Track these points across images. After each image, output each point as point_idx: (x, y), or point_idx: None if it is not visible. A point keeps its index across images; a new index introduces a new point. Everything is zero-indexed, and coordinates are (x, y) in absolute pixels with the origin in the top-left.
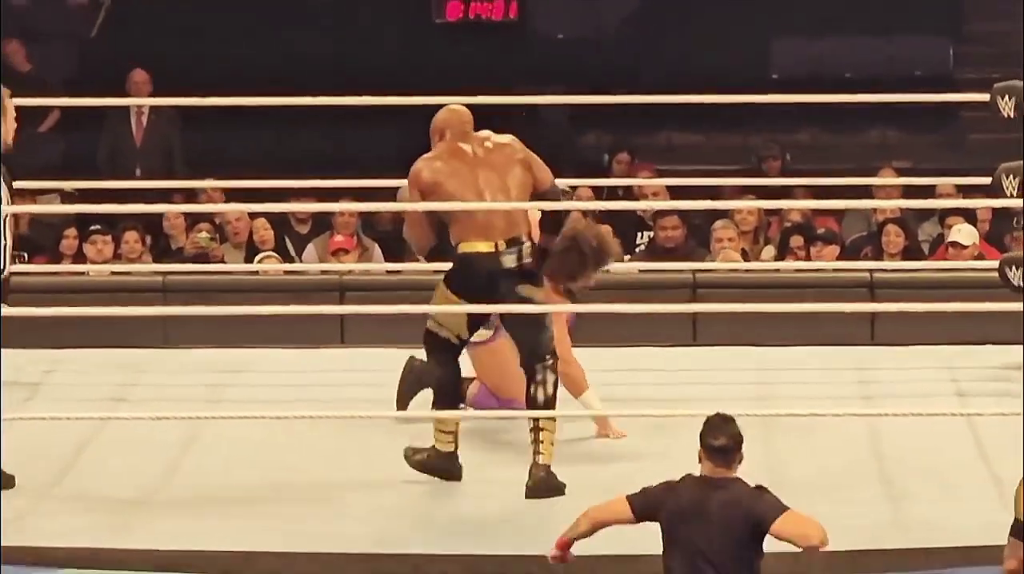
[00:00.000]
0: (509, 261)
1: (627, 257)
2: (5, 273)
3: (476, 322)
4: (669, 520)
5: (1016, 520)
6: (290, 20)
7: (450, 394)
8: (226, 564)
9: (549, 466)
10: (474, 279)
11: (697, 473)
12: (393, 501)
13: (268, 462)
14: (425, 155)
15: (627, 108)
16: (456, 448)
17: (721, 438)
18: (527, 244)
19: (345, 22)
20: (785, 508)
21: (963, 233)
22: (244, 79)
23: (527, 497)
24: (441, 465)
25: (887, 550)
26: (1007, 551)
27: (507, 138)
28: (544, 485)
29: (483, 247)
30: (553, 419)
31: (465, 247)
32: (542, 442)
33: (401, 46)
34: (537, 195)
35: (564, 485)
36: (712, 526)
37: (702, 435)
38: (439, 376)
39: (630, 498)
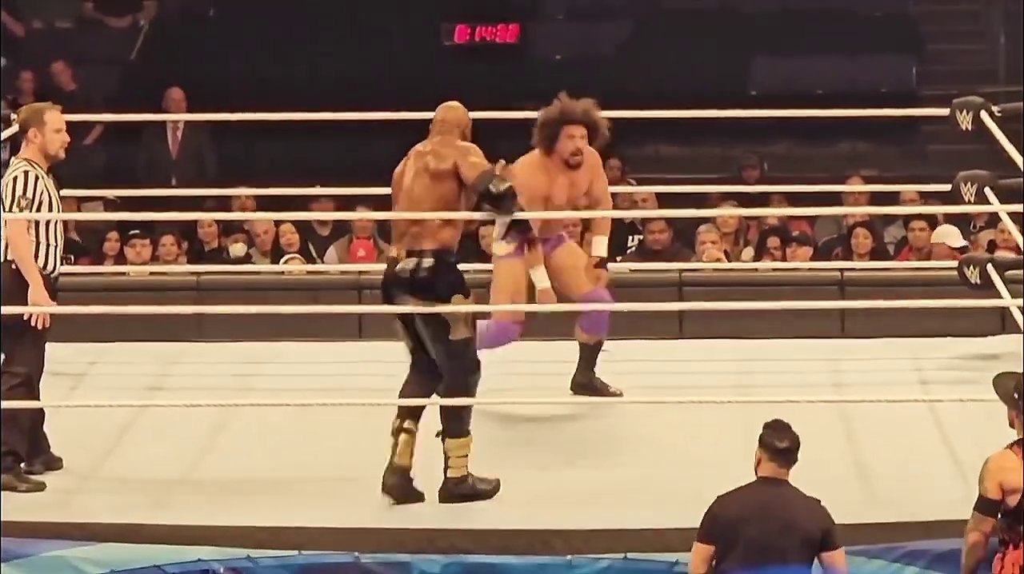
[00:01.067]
0: (403, 270)
1: (619, 258)
2: (55, 273)
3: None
4: (728, 528)
5: (980, 496)
6: (312, 43)
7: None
8: (254, 538)
9: (458, 478)
10: (383, 283)
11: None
12: None
13: (292, 446)
14: None
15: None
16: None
17: (785, 440)
18: (428, 258)
19: (362, 44)
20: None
21: (951, 236)
22: (270, 96)
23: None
24: (483, 487)
25: (857, 525)
26: (971, 524)
27: (437, 143)
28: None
29: (393, 252)
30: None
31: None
32: (448, 458)
33: (413, 66)
34: (468, 189)
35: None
36: (780, 522)
37: (764, 438)
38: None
39: (697, 540)
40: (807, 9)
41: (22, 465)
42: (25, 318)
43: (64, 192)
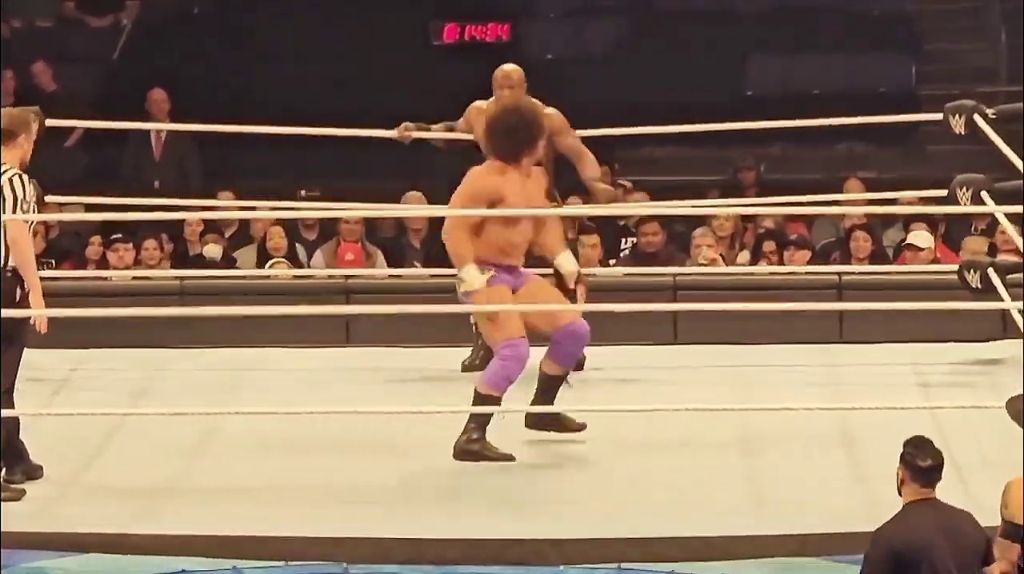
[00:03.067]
0: None
1: (612, 261)
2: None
3: None
4: (899, 563)
5: (1006, 522)
6: (299, 41)
7: None
8: (239, 548)
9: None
10: None
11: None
12: (395, 488)
13: (278, 453)
14: None
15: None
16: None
17: (928, 459)
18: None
19: (350, 43)
20: None
21: (921, 238)
22: (256, 96)
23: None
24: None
25: (856, 533)
26: (997, 553)
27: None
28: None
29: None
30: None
31: None
32: None
33: (401, 66)
34: None
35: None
36: (950, 551)
37: (907, 458)
38: None
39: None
40: (803, 7)
41: (1, 473)
42: (7, 327)
43: (47, 198)
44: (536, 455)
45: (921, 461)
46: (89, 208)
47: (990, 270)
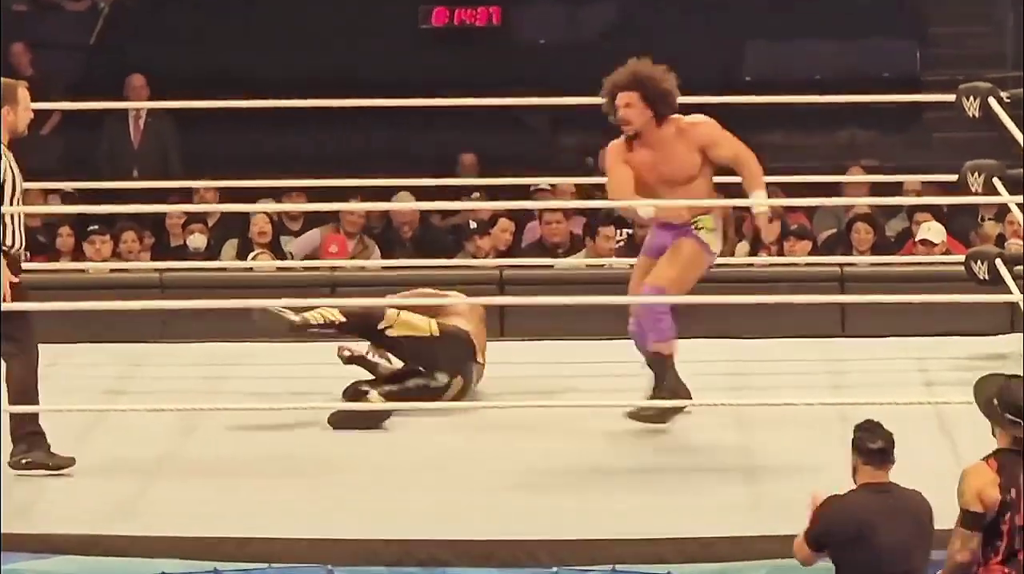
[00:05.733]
0: None
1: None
2: (21, 250)
3: None
4: (845, 541)
5: (964, 510)
6: (282, 26)
7: None
8: (221, 550)
9: None
10: None
11: (858, 483)
12: (382, 487)
13: (261, 451)
14: None
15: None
16: None
17: (879, 441)
18: None
19: (335, 28)
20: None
21: (933, 231)
22: (238, 82)
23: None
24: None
25: None
26: (958, 543)
27: None
28: None
29: None
30: None
31: None
32: None
33: (389, 50)
34: None
35: None
36: (897, 533)
37: (857, 442)
38: None
39: (805, 534)
40: None
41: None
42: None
43: (25, 185)
44: (528, 454)
45: (871, 443)
46: (65, 198)
47: (998, 260)
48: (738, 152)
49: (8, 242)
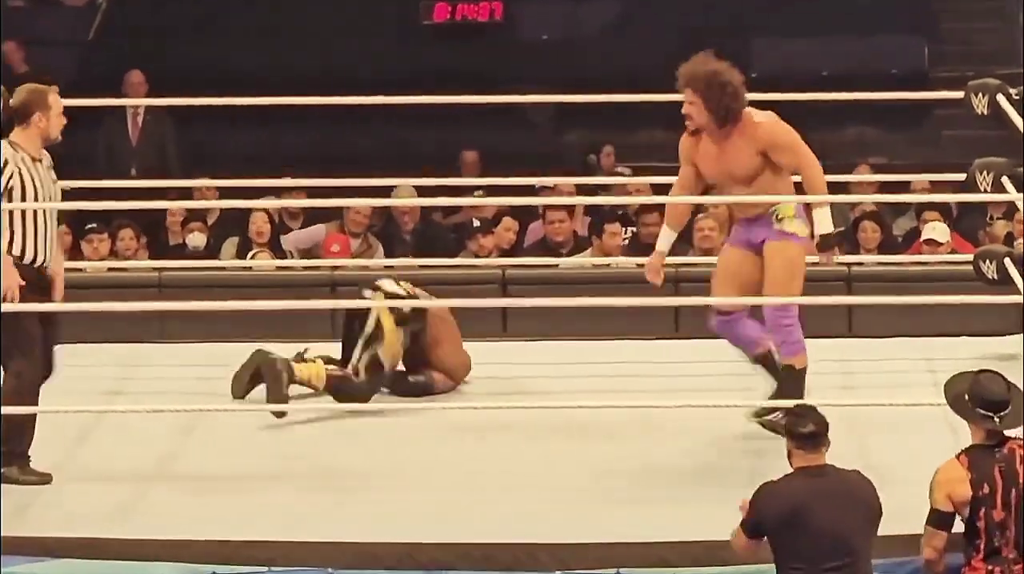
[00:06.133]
0: None
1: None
2: (45, 264)
3: None
4: (780, 526)
5: (931, 509)
6: (283, 22)
7: None
8: (220, 553)
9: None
10: None
11: (790, 469)
12: (382, 490)
13: (261, 453)
14: None
15: (610, 106)
16: None
17: (810, 425)
18: None
19: (335, 24)
20: None
21: (938, 231)
22: (237, 79)
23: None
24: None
25: None
26: (924, 540)
27: None
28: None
29: None
30: None
31: None
32: None
33: (389, 47)
34: None
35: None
36: (835, 515)
37: (788, 427)
38: None
39: (742, 524)
40: None
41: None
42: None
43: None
44: (530, 456)
45: (802, 427)
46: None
47: (1007, 260)
48: (800, 163)
49: (16, 252)
